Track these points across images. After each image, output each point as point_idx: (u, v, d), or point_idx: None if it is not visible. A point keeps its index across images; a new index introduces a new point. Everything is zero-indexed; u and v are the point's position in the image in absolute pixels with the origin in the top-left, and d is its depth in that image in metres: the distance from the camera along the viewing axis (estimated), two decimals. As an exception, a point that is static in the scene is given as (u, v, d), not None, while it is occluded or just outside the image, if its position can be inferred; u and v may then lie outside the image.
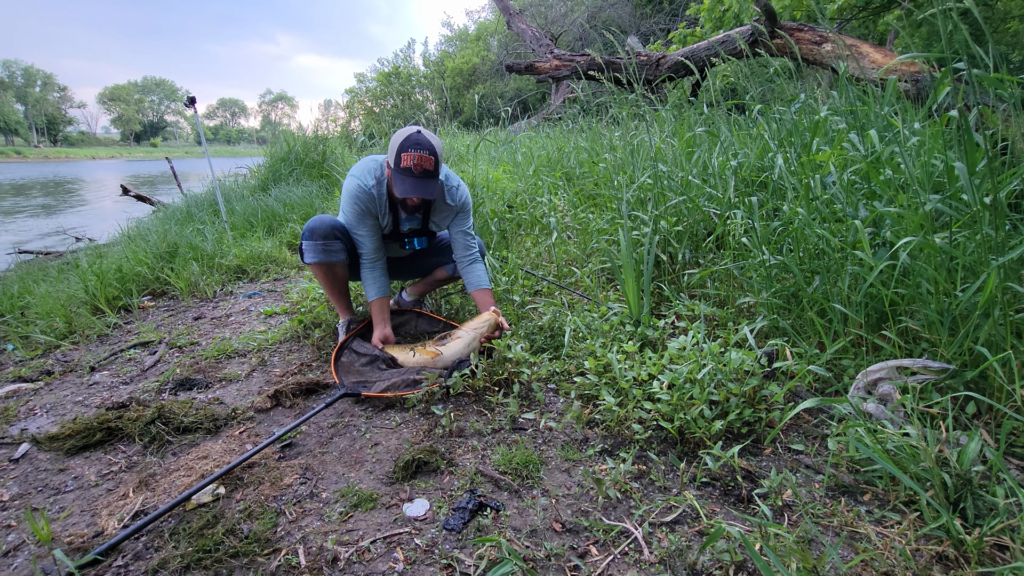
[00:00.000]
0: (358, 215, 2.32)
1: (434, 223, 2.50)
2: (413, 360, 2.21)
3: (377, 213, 2.34)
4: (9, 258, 6.22)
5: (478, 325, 2.27)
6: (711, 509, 1.43)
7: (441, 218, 2.48)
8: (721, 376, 1.74)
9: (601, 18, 14.42)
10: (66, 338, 3.02)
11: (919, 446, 1.31)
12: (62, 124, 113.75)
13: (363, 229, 2.35)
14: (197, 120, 5.67)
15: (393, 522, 1.44)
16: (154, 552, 1.36)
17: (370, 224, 2.35)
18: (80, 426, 1.89)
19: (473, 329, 2.25)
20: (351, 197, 2.29)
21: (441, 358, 2.19)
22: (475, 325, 2.27)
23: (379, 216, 2.36)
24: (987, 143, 1.53)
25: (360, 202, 2.29)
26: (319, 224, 2.33)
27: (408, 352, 2.24)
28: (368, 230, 2.36)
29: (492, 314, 2.28)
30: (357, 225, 2.34)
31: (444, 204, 2.42)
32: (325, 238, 2.33)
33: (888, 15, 7.13)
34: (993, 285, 1.50)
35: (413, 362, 2.21)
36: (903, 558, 1.18)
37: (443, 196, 2.40)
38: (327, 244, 2.34)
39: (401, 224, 2.45)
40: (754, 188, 2.75)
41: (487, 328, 2.25)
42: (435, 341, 2.28)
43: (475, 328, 2.26)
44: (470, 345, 2.22)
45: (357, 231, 2.36)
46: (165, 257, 4.20)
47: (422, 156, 2.09)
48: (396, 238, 2.50)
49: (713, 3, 7.51)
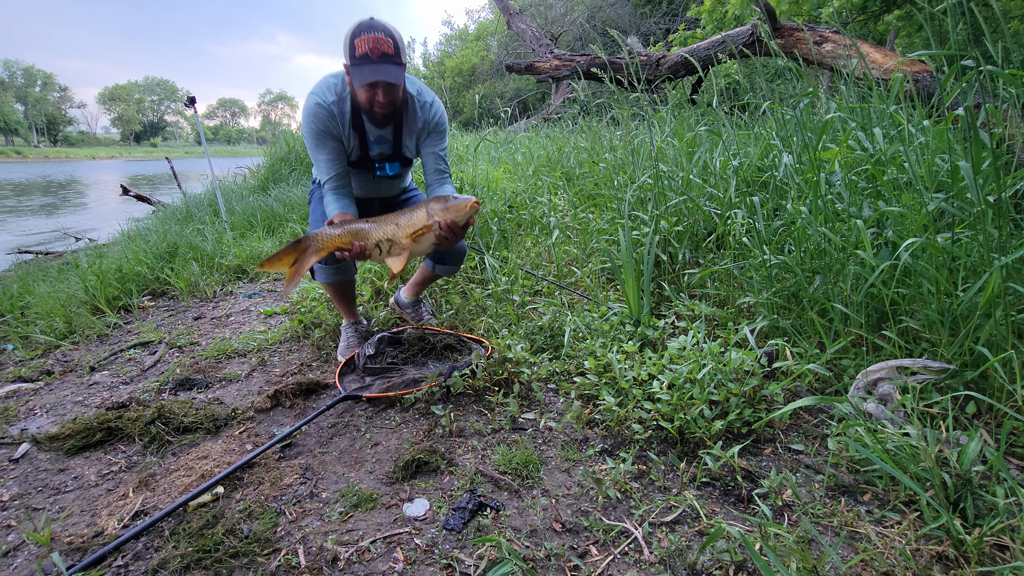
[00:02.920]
0: (317, 136, 2.05)
1: (407, 147, 2.24)
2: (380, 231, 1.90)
3: (340, 134, 2.08)
4: (9, 258, 6.22)
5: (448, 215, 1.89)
6: (711, 509, 1.43)
7: (414, 137, 2.22)
8: (721, 376, 1.74)
9: (601, 18, 14.43)
10: (66, 338, 3.02)
11: (919, 446, 1.31)
12: (62, 124, 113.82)
13: (323, 153, 2.07)
14: (197, 120, 5.67)
15: (393, 522, 1.44)
16: (154, 552, 1.36)
17: (331, 147, 2.07)
18: (80, 426, 1.89)
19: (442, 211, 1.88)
20: (308, 116, 2.04)
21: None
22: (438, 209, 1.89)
23: (342, 138, 2.10)
24: (992, 142, 1.53)
25: (319, 120, 2.03)
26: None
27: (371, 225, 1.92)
28: (329, 153, 2.07)
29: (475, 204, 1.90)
30: (316, 149, 2.07)
31: (416, 120, 2.17)
32: (338, 262, 2.24)
33: (890, 15, 7.13)
34: (995, 285, 1.50)
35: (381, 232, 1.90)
36: (903, 558, 1.18)
37: (415, 110, 2.15)
38: (340, 267, 2.26)
39: (370, 148, 2.18)
40: (755, 188, 2.75)
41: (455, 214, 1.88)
42: (402, 219, 1.91)
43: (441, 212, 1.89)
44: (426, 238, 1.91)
45: (317, 155, 2.08)
46: (165, 257, 4.20)
47: (377, 38, 1.86)
48: (365, 165, 2.24)
49: (714, 4, 7.50)
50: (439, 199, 1.88)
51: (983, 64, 1.57)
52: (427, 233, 1.87)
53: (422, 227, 1.86)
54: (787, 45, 4.47)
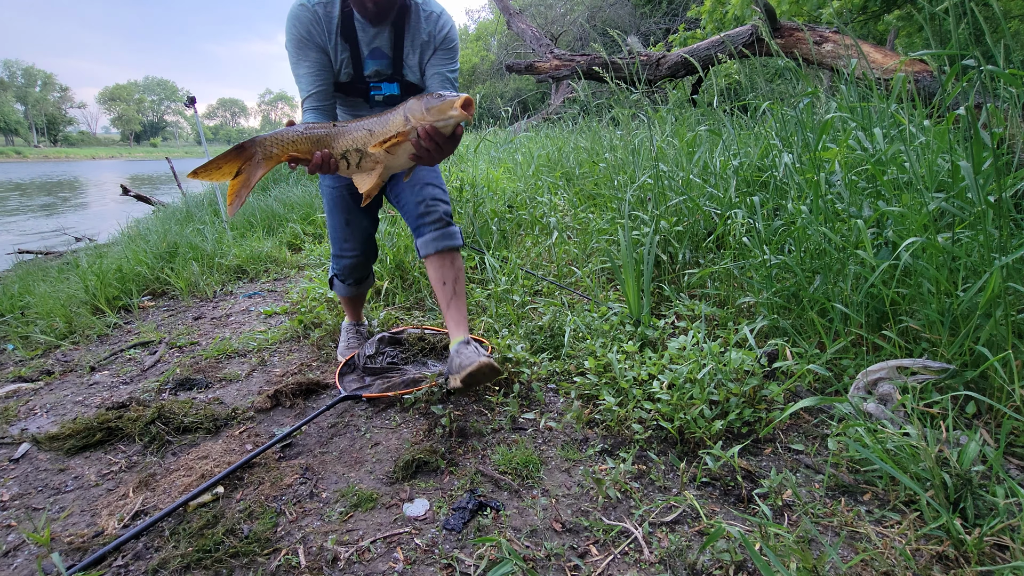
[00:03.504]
0: (298, 44, 1.74)
1: (408, 65, 1.89)
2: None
3: (325, 44, 1.77)
4: (9, 258, 6.22)
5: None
6: (711, 509, 1.43)
7: (417, 53, 1.88)
8: (721, 376, 1.74)
9: (601, 18, 14.42)
10: (66, 338, 3.02)
11: (919, 446, 1.31)
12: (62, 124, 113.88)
13: (304, 66, 1.76)
14: (197, 120, 5.67)
15: (393, 522, 1.44)
16: (154, 552, 1.36)
17: (314, 59, 1.76)
18: (80, 426, 1.89)
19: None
20: (290, 20, 1.75)
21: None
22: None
23: (328, 49, 1.78)
24: (993, 142, 1.53)
25: (300, 24, 1.73)
26: (354, 265, 2.20)
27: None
28: (311, 66, 1.76)
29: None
30: (297, 61, 1.76)
31: (420, 31, 1.84)
32: (359, 283, 2.24)
33: (890, 15, 7.13)
34: (995, 285, 1.50)
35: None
36: (903, 558, 1.18)
37: (419, 20, 1.83)
38: (361, 281, 2.26)
39: (364, 64, 1.85)
40: (755, 188, 2.75)
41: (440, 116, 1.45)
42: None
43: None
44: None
45: (297, 69, 1.77)
46: (165, 257, 4.20)
47: None
48: (359, 89, 1.90)
49: (714, 4, 7.51)
50: (420, 97, 1.46)
51: (983, 64, 1.57)
52: (404, 142, 1.49)
53: (398, 133, 1.47)
54: (787, 45, 4.47)
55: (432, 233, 1.94)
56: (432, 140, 1.46)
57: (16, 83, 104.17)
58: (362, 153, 1.51)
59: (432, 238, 1.95)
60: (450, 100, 1.42)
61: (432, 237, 1.95)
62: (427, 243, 1.95)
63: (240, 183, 1.49)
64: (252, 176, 1.51)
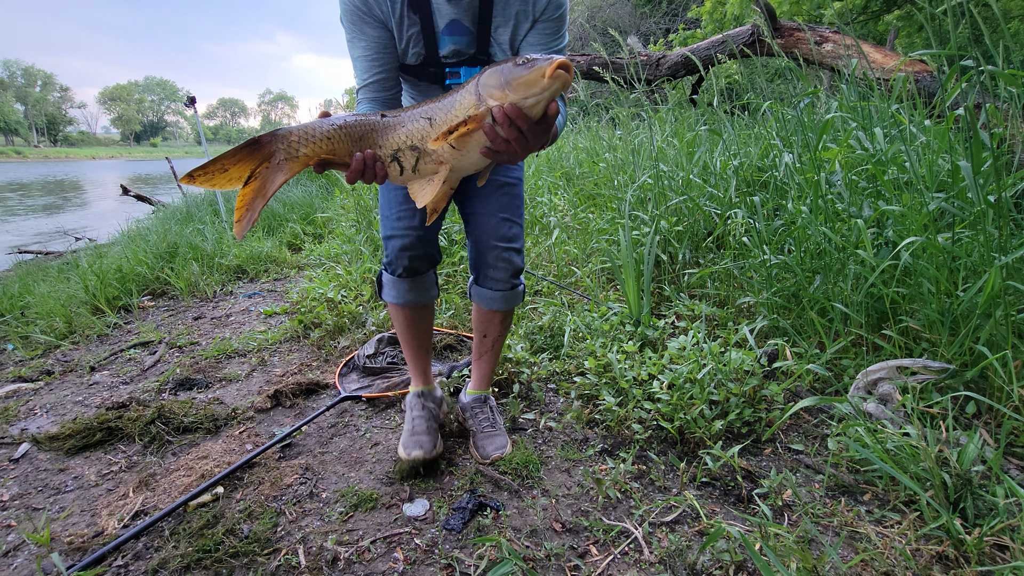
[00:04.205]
0: (352, 17, 1.35)
1: (498, 41, 1.42)
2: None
3: (387, 16, 1.35)
4: (9, 258, 6.22)
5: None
6: (711, 509, 1.43)
7: (510, 27, 1.39)
8: (721, 376, 1.74)
9: (601, 18, 14.42)
10: (66, 338, 3.02)
11: (919, 446, 1.31)
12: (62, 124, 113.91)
13: (360, 46, 1.37)
14: (197, 120, 5.68)
15: (393, 522, 1.44)
16: (154, 552, 1.36)
17: (372, 37, 1.36)
18: (80, 426, 1.89)
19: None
20: None
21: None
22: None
23: (391, 23, 1.36)
24: (993, 142, 1.53)
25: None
26: (409, 245, 1.55)
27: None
28: (368, 47, 1.37)
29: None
30: (352, 40, 1.38)
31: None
32: (414, 274, 1.60)
33: (890, 15, 7.14)
34: (995, 285, 1.50)
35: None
36: (903, 558, 1.18)
37: None
38: (419, 282, 1.63)
39: (439, 41, 1.40)
40: (755, 188, 2.75)
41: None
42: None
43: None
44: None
45: (352, 50, 1.40)
46: (165, 257, 4.20)
47: None
48: (431, 74, 1.47)
49: (714, 5, 7.51)
50: (497, 65, 1.02)
51: (983, 64, 1.57)
52: (476, 130, 1.05)
53: (468, 119, 1.04)
54: (787, 45, 4.47)
55: (494, 292, 1.62)
56: (514, 127, 1.01)
57: (16, 83, 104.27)
58: (420, 151, 1.11)
59: (492, 297, 1.63)
60: (540, 66, 0.96)
61: (492, 297, 1.63)
62: (485, 298, 1.65)
63: (253, 192, 1.09)
64: (270, 183, 1.10)
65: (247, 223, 1.08)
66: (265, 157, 1.10)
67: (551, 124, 1.06)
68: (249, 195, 1.09)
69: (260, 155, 1.10)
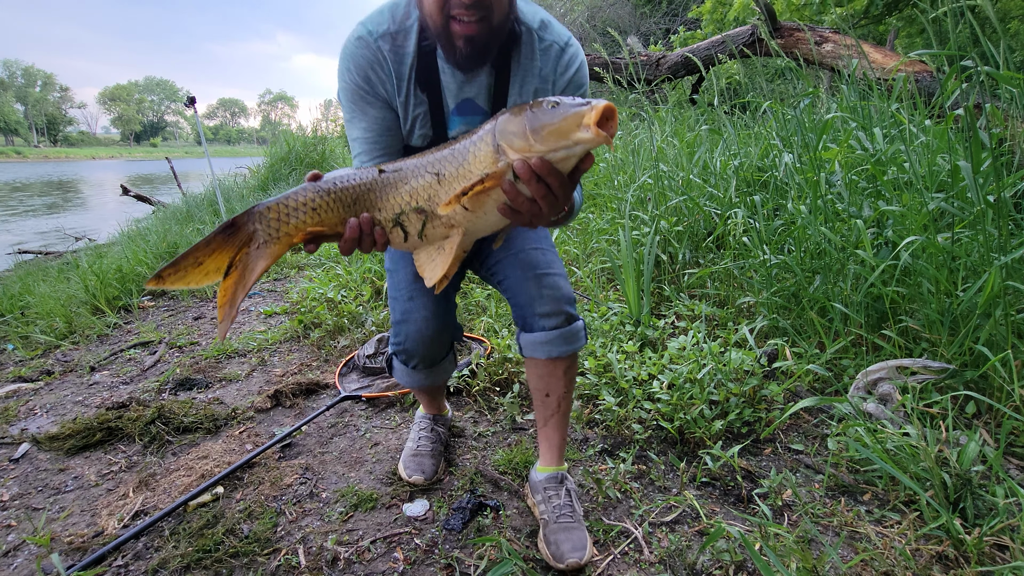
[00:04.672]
0: (352, 95, 1.23)
1: None
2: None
3: (391, 94, 1.23)
4: (9, 258, 6.22)
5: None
6: (711, 509, 1.43)
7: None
8: (721, 376, 1.74)
9: (601, 18, 14.41)
10: (66, 338, 3.02)
11: (919, 446, 1.31)
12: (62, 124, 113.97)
13: (359, 127, 1.25)
14: (197, 120, 5.67)
15: (393, 522, 1.44)
16: (154, 552, 1.36)
17: (373, 118, 1.24)
18: (80, 426, 1.89)
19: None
20: (344, 60, 1.22)
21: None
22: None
23: (395, 102, 1.24)
24: (993, 142, 1.53)
25: (357, 67, 1.21)
26: (422, 334, 1.37)
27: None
28: (368, 128, 1.25)
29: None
30: (351, 118, 1.26)
31: (532, 69, 1.26)
32: (431, 366, 1.45)
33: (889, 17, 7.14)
34: (994, 284, 1.50)
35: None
36: (903, 558, 1.18)
37: (533, 52, 1.25)
38: (436, 370, 1.48)
39: (448, 120, 1.28)
40: (755, 188, 2.75)
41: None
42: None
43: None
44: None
45: (351, 130, 1.27)
46: (165, 257, 4.21)
47: None
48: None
49: (714, 5, 7.51)
50: (518, 109, 0.86)
51: (980, 65, 1.58)
52: (495, 188, 0.88)
53: (485, 177, 0.87)
54: (787, 45, 4.47)
55: (547, 333, 1.33)
56: (542, 183, 0.85)
57: (16, 83, 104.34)
58: (427, 214, 0.94)
59: (546, 340, 1.33)
60: (576, 112, 0.80)
61: (546, 339, 1.33)
62: (538, 345, 1.35)
63: (233, 283, 0.93)
64: (250, 272, 0.93)
65: (230, 319, 0.93)
66: (244, 241, 0.93)
67: (578, 180, 0.90)
68: (230, 288, 0.92)
69: (238, 240, 0.93)
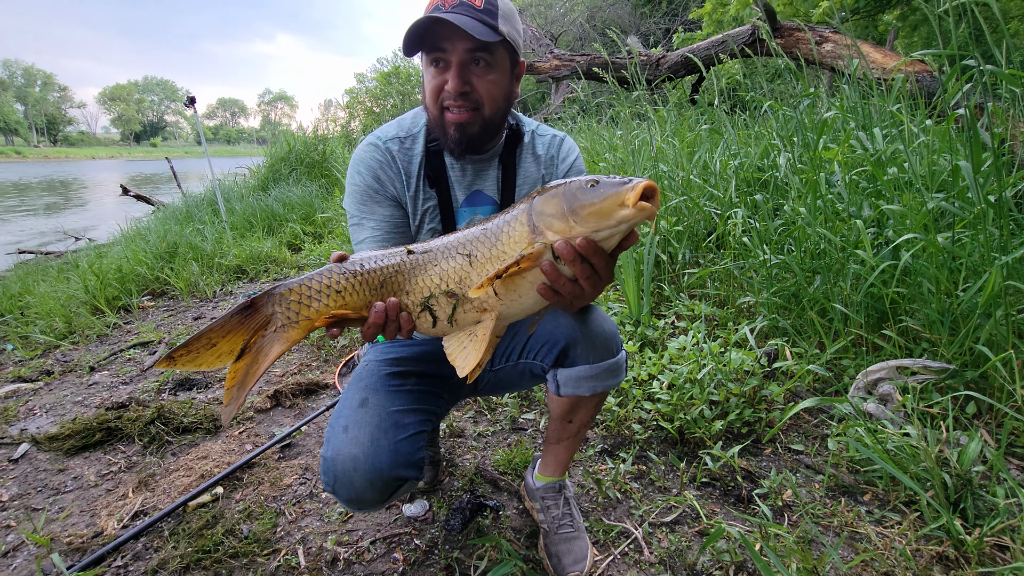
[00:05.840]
0: (362, 197, 1.23)
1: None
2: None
3: (400, 192, 1.24)
4: (9, 258, 6.22)
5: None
6: (711, 509, 1.43)
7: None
8: (721, 376, 1.74)
9: (601, 18, 14.41)
10: (66, 338, 3.02)
11: (919, 446, 1.31)
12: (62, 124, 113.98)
13: (368, 227, 1.23)
14: (197, 120, 5.67)
15: (393, 522, 1.44)
16: (154, 552, 1.36)
17: (382, 216, 1.23)
18: (80, 426, 1.89)
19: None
20: (354, 166, 1.25)
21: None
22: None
23: (404, 199, 1.25)
24: (994, 142, 1.53)
25: (367, 170, 1.23)
26: (348, 481, 1.06)
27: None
28: (377, 227, 1.23)
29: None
30: (359, 222, 1.24)
31: (536, 156, 1.30)
32: (363, 508, 1.12)
33: (889, 15, 7.14)
34: (995, 284, 1.50)
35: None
36: (903, 558, 1.18)
37: (532, 151, 1.30)
38: (376, 509, 1.17)
39: (458, 216, 1.29)
40: (755, 188, 2.75)
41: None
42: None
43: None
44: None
45: (357, 234, 1.24)
46: (165, 257, 4.21)
47: None
48: None
49: (715, 5, 7.51)
50: (553, 188, 0.85)
51: (982, 64, 1.57)
52: (532, 268, 0.84)
53: (522, 258, 0.82)
54: (787, 45, 4.47)
55: (593, 367, 1.19)
56: (586, 263, 0.82)
57: (16, 83, 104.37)
58: (458, 298, 0.88)
59: (592, 375, 1.19)
60: (618, 193, 0.77)
61: (592, 374, 1.19)
62: (584, 381, 1.20)
63: (245, 366, 0.88)
64: (264, 357, 0.89)
65: (236, 407, 0.88)
66: (261, 324, 0.89)
67: (617, 256, 0.85)
68: (241, 372, 0.88)
69: (255, 322, 0.89)
